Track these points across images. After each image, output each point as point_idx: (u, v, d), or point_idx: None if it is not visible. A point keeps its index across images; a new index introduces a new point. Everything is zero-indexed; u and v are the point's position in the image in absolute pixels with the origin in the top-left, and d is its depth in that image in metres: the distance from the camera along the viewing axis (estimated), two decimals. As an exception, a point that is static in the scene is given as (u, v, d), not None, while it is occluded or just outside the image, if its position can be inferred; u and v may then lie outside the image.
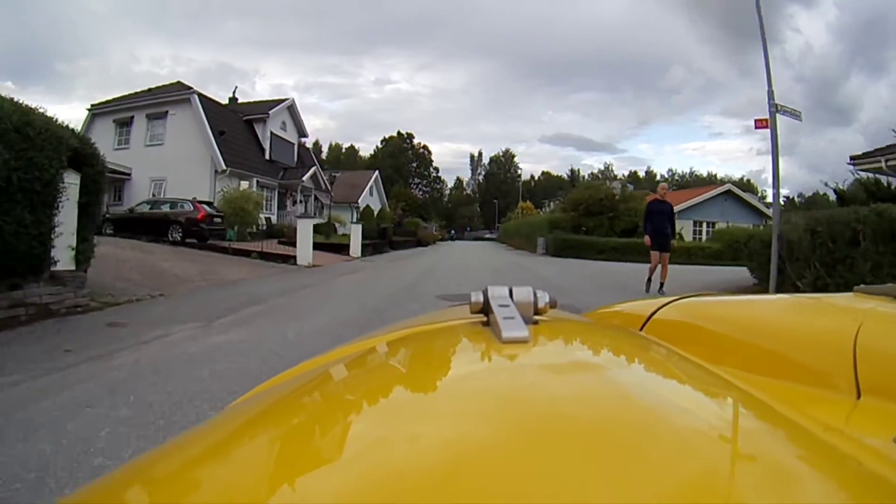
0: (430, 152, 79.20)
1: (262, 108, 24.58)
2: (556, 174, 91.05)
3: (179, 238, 15.85)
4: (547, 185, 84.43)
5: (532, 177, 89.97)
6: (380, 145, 78.12)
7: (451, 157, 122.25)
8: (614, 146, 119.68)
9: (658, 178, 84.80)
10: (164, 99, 22.15)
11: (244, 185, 20.73)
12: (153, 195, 20.28)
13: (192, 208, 16.14)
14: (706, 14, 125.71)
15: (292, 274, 10.21)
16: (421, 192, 72.57)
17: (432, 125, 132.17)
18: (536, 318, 0.46)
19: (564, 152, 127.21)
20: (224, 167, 19.50)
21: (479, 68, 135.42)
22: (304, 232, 11.78)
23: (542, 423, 0.28)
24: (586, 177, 76.78)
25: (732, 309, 0.96)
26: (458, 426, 0.28)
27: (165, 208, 16.74)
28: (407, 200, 46.33)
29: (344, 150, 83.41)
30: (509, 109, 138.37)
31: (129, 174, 22.37)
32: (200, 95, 21.70)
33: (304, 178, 23.32)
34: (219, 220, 16.47)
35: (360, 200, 35.95)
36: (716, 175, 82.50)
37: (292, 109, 26.41)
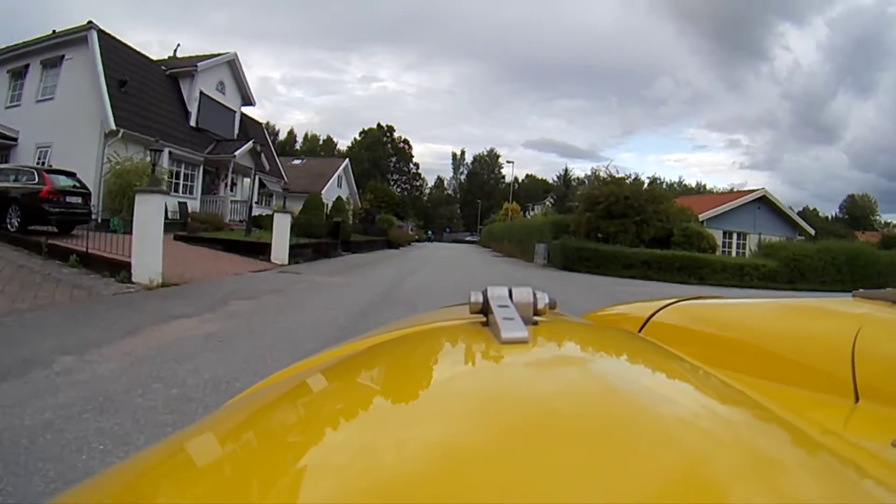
0: (410, 146, 73.68)
1: (192, 62, 18.94)
2: (540, 178, 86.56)
3: (18, 224, 10.44)
4: (531, 188, 79.92)
5: (516, 178, 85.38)
6: (358, 137, 72.42)
7: (432, 158, 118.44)
8: (598, 154, 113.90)
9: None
10: (62, 40, 16.58)
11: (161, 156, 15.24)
12: (40, 164, 14.82)
13: (36, 180, 10.61)
14: (696, 27, 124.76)
15: (76, 310, 4.86)
16: (399, 189, 66.98)
17: (416, 125, 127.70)
18: (536, 318, 0.46)
19: (547, 157, 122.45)
20: (114, 127, 13.92)
21: (465, 70, 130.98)
22: (147, 221, 6.30)
23: (541, 423, 0.28)
24: (573, 181, 72.50)
25: (731, 312, 0.95)
26: (456, 426, 0.28)
27: (7, 181, 11.17)
28: (383, 196, 40.77)
29: (321, 142, 77.42)
30: (494, 113, 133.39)
31: (17, 139, 16.86)
32: (102, 33, 16.04)
33: (237, 153, 17.55)
34: (78, 199, 10.92)
35: (324, 192, 30.37)
36: (705, 185, 79.47)
37: (234, 68, 20.70)
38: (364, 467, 0.25)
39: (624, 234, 16.06)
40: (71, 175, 11.50)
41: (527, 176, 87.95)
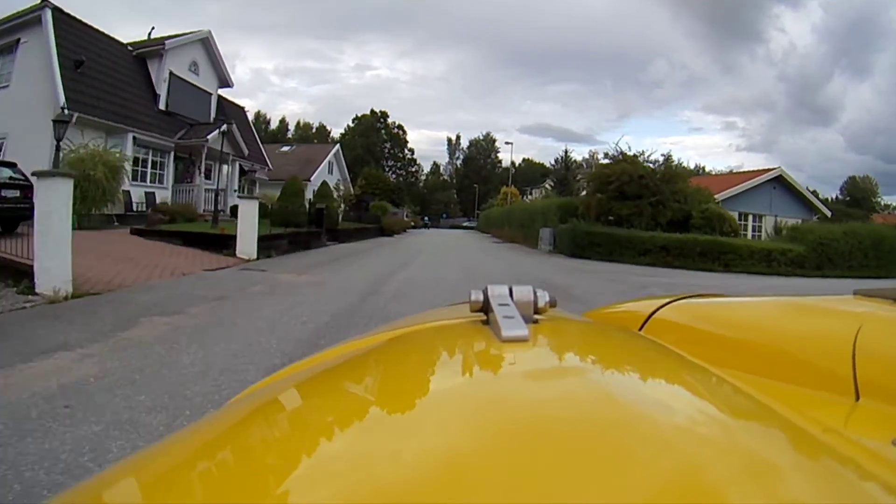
0: (404, 132, 71.73)
1: (160, 41, 17.29)
2: (537, 161, 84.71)
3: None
4: (528, 172, 78.12)
5: (513, 163, 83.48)
6: (351, 124, 70.44)
7: (427, 145, 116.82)
8: (594, 138, 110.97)
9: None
10: (17, 23, 15.04)
11: (113, 145, 13.75)
12: (-2, 159, 13.39)
13: (-36, 172, 9.22)
14: (691, 9, 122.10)
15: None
16: (394, 175, 65.21)
17: (410, 112, 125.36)
18: (536, 317, 0.46)
19: (543, 142, 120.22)
20: (66, 110, 12.36)
21: (459, 56, 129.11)
22: (49, 213, 4.84)
23: (542, 423, 0.27)
24: (572, 164, 70.70)
25: (732, 310, 0.94)
26: (457, 425, 0.28)
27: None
28: (377, 183, 39.13)
29: (314, 130, 75.39)
30: (488, 98, 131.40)
31: (-26, 132, 15.36)
32: (57, 11, 14.46)
33: (209, 137, 16.02)
34: (17, 192, 9.51)
35: (313, 178, 28.81)
36: (704, 167, 77.89)
37: (209, 47, 19.03)
38: (366, 467, 0.24)
39: (638, 216, 14.64)
40: (10, 166, 10.08)
41: (523, 160, 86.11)
